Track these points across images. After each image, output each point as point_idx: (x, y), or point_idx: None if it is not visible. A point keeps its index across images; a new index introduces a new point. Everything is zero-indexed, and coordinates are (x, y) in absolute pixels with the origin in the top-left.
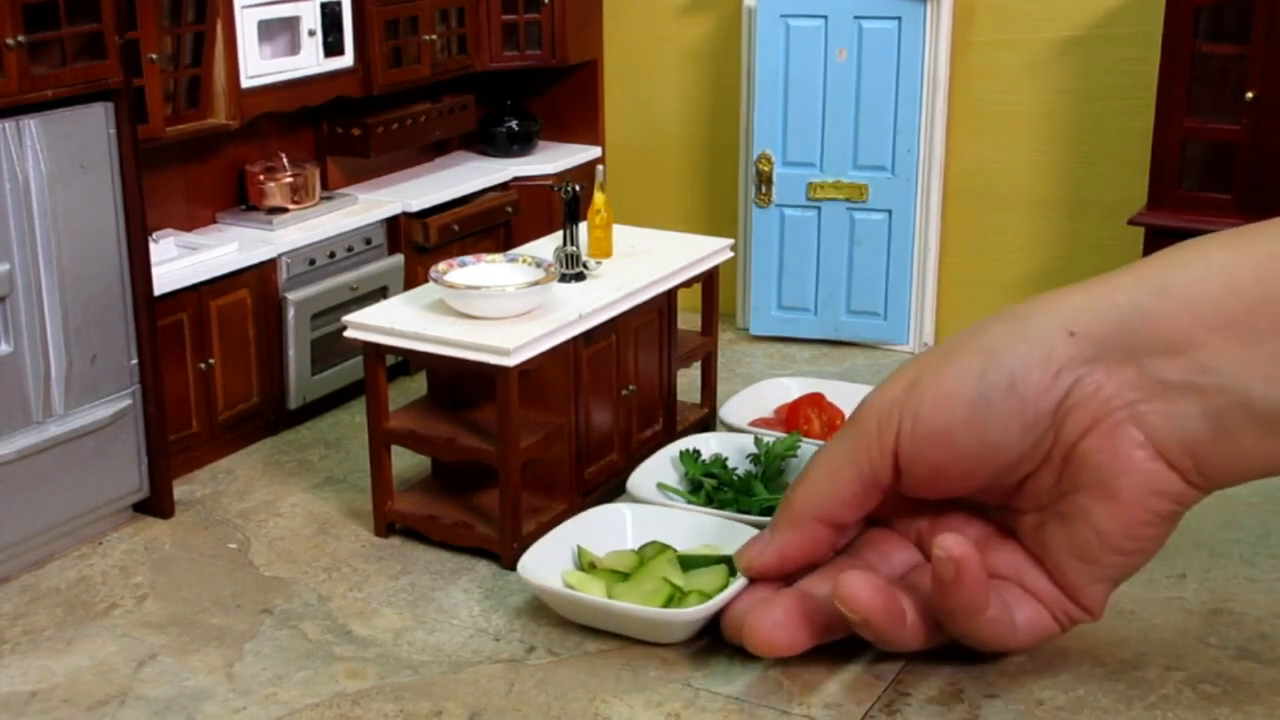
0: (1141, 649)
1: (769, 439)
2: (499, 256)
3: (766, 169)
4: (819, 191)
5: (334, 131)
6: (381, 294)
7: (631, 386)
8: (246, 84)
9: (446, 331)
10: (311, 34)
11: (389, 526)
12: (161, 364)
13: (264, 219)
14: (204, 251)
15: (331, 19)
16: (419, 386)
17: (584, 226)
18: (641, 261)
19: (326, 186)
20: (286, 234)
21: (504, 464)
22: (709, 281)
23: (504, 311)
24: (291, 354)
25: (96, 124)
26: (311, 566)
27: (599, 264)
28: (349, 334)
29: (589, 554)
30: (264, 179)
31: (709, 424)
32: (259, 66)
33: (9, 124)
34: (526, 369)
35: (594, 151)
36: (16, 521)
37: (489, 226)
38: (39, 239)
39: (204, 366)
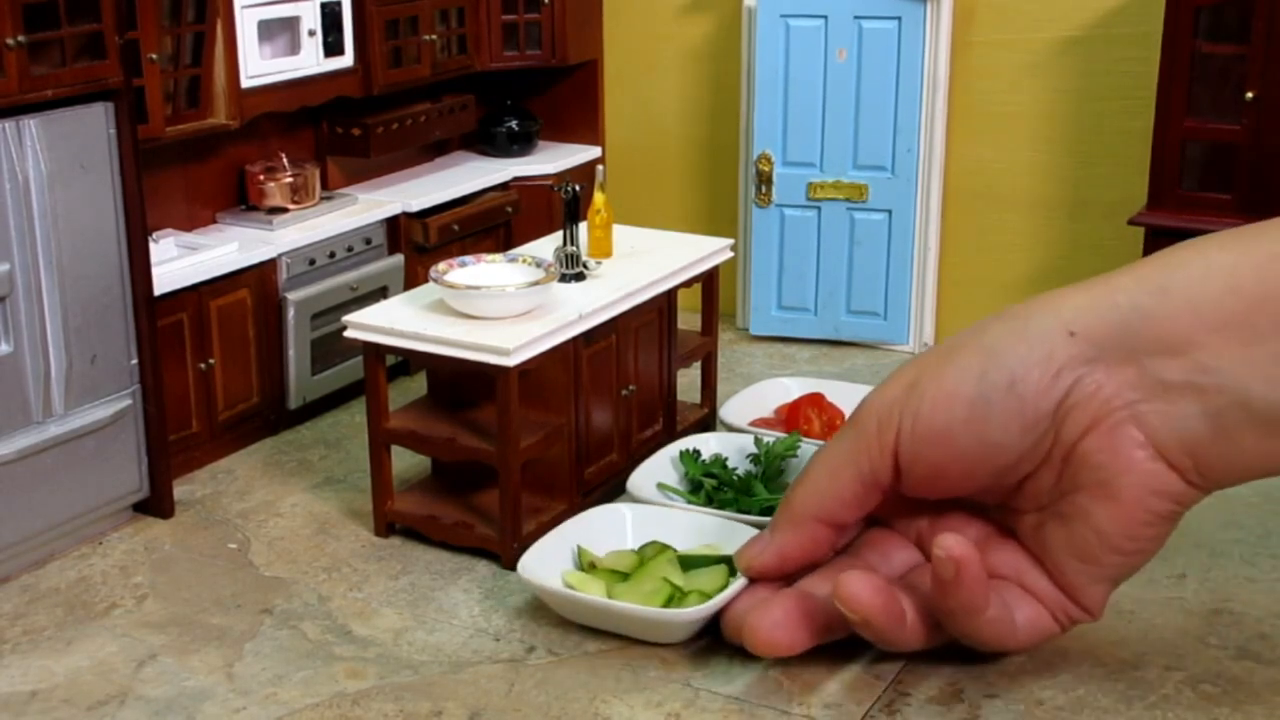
0: (1141, 649)
1: (769, 439)
2: (499, 256)
3: (766, 169)
4: (819, 191)
5: (334, 131)
6: (381, 294)
7: (631, 386)
8: (246, 84)
9: (446, 331)
10: (311, 34)
11: (389, 526)
12: (161, 364)
13: (264, 219)
14: (204, 251)
15: (331, 19)
16: (419, 386)
17: (584, 226)
18: (641, 261)
19: (326, 186)
20: (286, 234)
21: (504, 464)
22: (709, 281)
23: (504, 311)
24: (291, 354)
25: (96, 124)
26: (311, 566)
27: (599, 264)
28: (349, 334)
29: (589, 554)
30: (264, 179)
31: (709, 424)
32: (259, 66)
33: (9, 124)
34: (526, 369)
35: (594, 151)
36: (16, 521)
37: (489, 226)
38: (39, 239)
39: (204, 366)
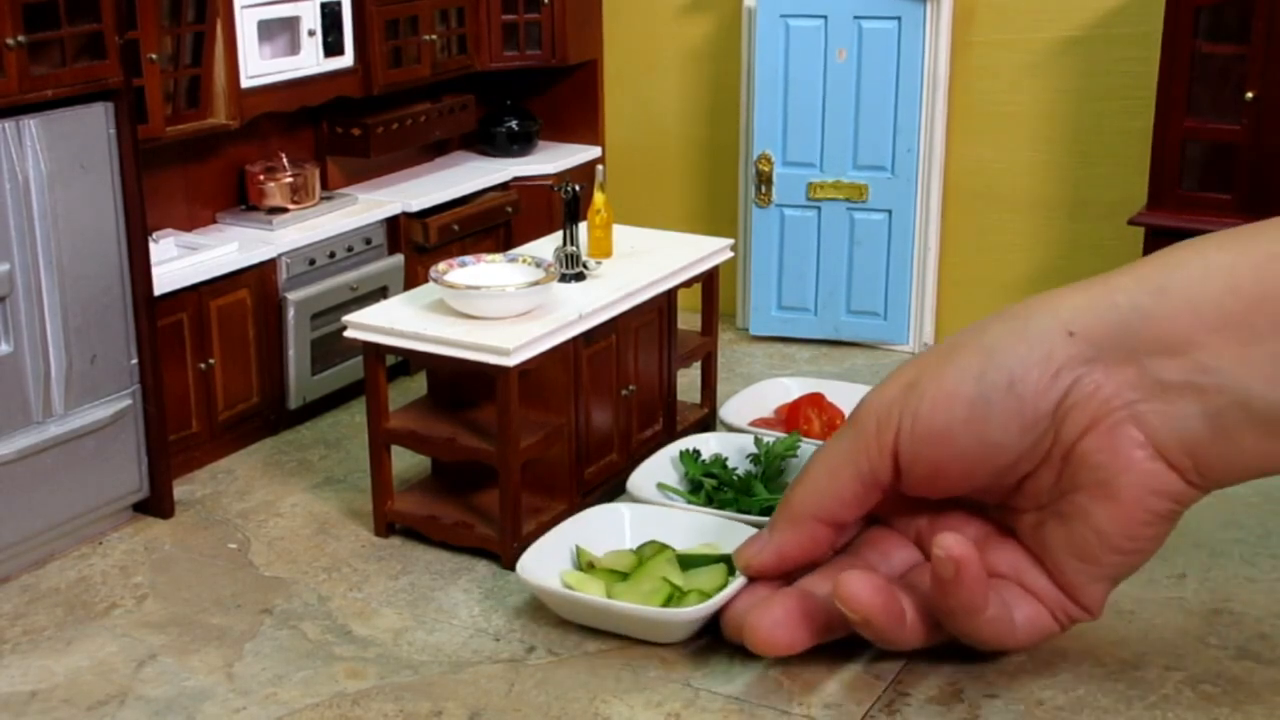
0: (1141, 649)
1: (769, 439)
2: (499, 256)
3: (766, 169)
4: (819, 191)
5: (334, 131)
6: (381, 294)
7: (631, 386)
8: (246, 84)
9: (446, 331)
10: (311, 34)
11: (389, 526)
12: (161, 364)
13: (264, 219)
14: (204, 251)
15: (331, 19)
16: (419, 386)
17: (584, 226)
18: (641, 261)
19: (326, 186)
20: (286, 234)
21: (504, 464)
22: (709, 281)
23: (504, 311)
24: (291, 354)
25: (96, 124)
26: (311, 566)
27: (599, 264)
28: (349, 334)
29: (588, 554)
30: (264, 179)
31: (709, 424)
32: (259, 66)
33: (9, 124)
34: (526, 369)
35: (594, 151)
36: (16, 521)
37: (489, 226)
38: (39, 239)
39: (204, 366)
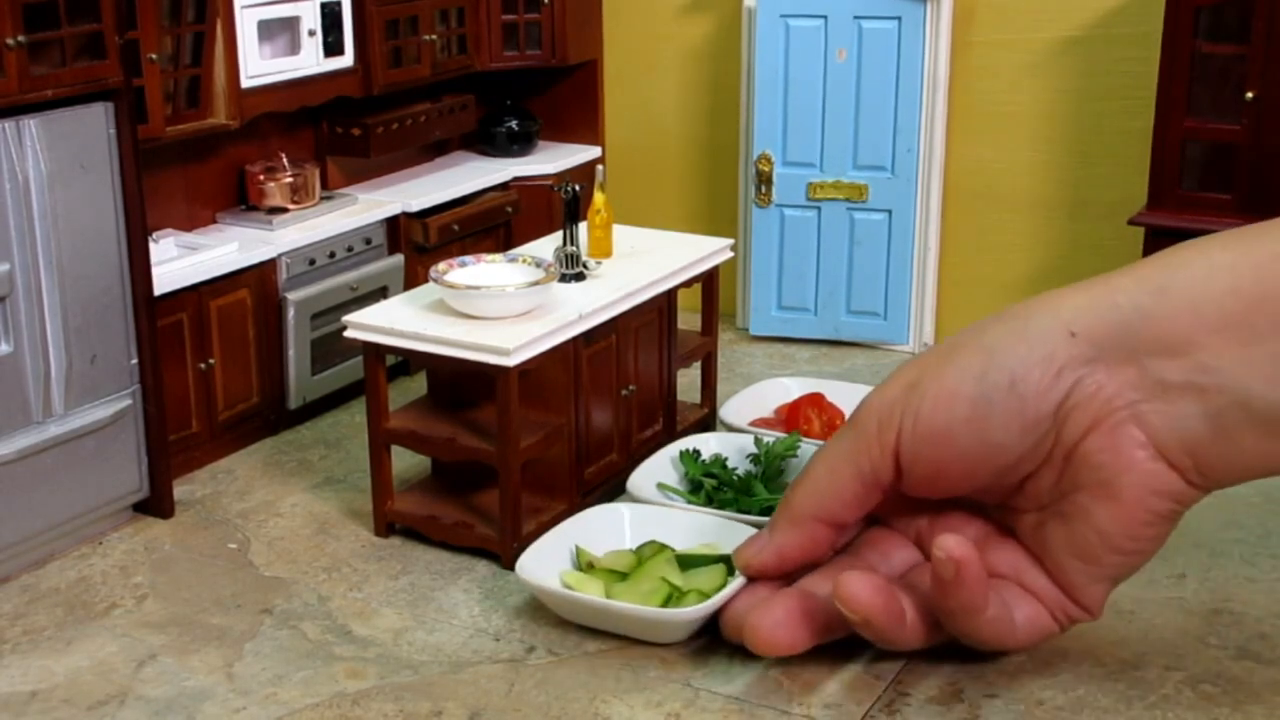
0: (1141, 649)
1: (769, 439)
2: (499, 256)
3: (766, 169)
4: (819, 191)
5: (334, 131)
6: (381, 294)
7: (631, 386)
8: (246, 84)
9: (446, 331)
10: (311, 34)
11: (389, 526)
12: (161, 364)
13: (264, 219)
14: (204, 251)
15: (331, 19)
16: (419, 386)
17: (584, 226)
18: (641, 261)
19: (326, 186)
20: (286, 234)
21: (504, 464)
22: (709, 281)
23: (504, 311)
24: (291, 354)
25: (96, 124)
26: (311, 566)
27: (599, 264)
28: (349, 334)
29: (587, 554)
30: (264, 179)
31: (709, 424)
32: (259, 66)
33: (9, 124)
34: (526, 369)
35: (594, 151)
36: (16, 521)
37: (489, 226)
38: (39, 239)
39: (204, 366)
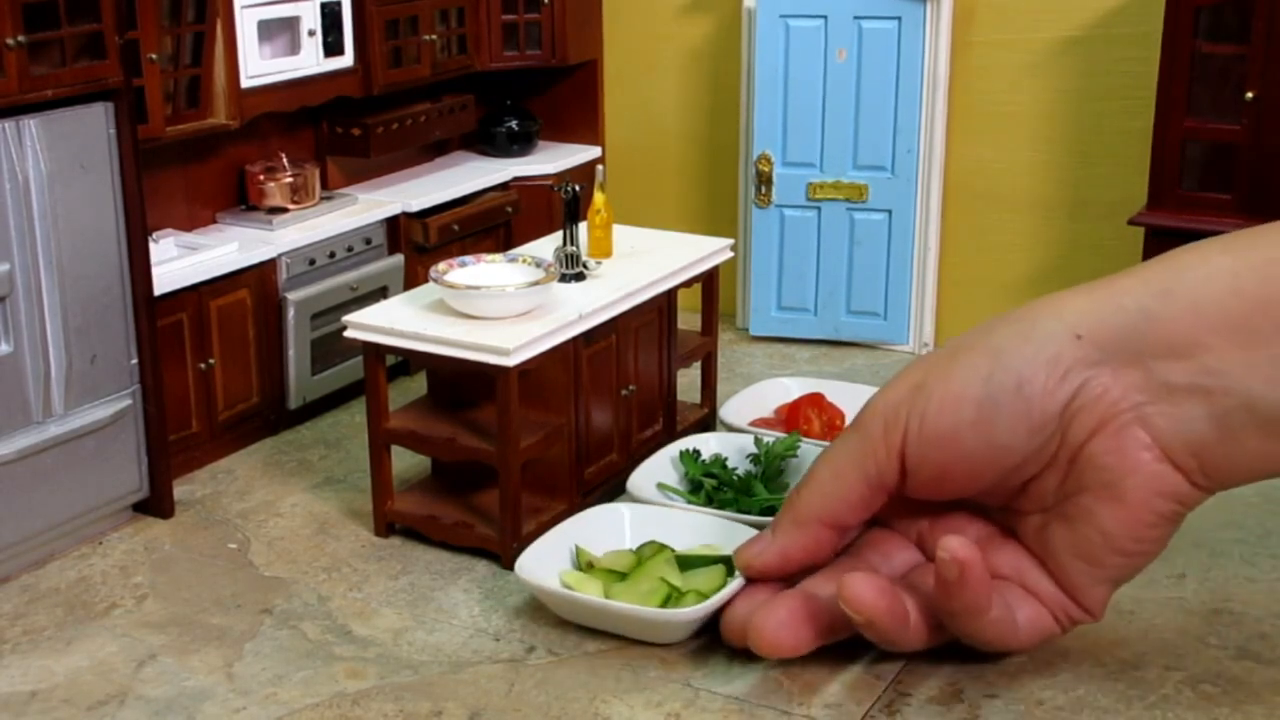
0: (1141, 649)
1: (769, 439)
2: (499, 256)
3: (766, 169)
4: (819, 191)
5: (334, 131)
6: (381, 294)
7: (631, 386)
8: (246, 84)
9: (446, 331)
10: (311, 34)
11: (389, 526)
12: (161, 364)
13: (264, 219)
14: (204, 251)
15: (331, 19)
16: (419, 386)
17: (584, 226)
18: (641, 261)
19: (326, 186)
20: (286, 234)
21: (504, 464)
22: (709, 281)
23: (504, 311)
24: (291, 354)
25: (96, 124)
26: (311, 566)
27: (599, 264)
28: (349, 334)
29: (587, 554)
30: (264, 179)
31: (709, 424)
32: (259, 66)
33: (9, 124)
34: (526, 369)
35: (594, 151)
36: (16, 521)
37: (489, 226)
38: (39, 239)
39: (204, 366)
